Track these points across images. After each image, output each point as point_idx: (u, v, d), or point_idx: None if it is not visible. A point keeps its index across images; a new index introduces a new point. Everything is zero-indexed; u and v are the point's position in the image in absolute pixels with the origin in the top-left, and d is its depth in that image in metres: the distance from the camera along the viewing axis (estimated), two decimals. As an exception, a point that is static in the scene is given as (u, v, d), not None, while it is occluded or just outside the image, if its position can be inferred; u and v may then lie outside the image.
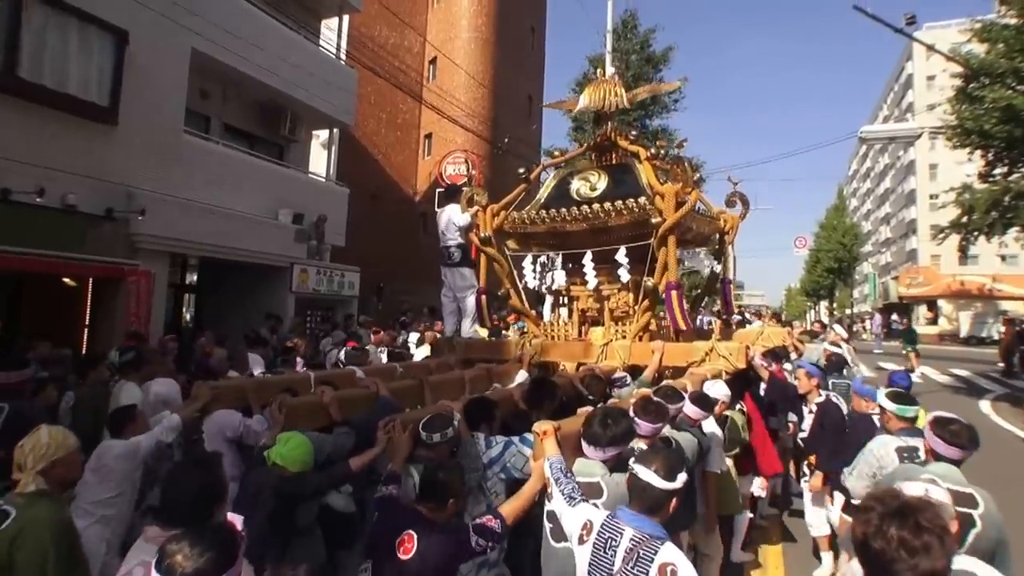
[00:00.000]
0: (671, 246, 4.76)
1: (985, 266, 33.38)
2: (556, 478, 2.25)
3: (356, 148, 18.63)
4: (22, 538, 2.04)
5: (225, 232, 9.62)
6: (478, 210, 5.69)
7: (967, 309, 32.85)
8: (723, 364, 4.49)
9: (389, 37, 18.79)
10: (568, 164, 6.09)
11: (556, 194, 5.63)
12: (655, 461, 1.99)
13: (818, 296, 50.63)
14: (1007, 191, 16.20)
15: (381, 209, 18.27)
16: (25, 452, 2.20)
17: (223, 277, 11.11)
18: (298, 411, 3.23)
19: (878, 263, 55.42)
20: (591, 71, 22.59)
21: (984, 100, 11.57)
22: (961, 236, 18.03)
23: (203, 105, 10.62)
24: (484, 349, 5.60)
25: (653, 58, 21.65)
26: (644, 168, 5.13)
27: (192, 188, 9.21)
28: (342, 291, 12.64)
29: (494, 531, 2.20)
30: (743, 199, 6.37)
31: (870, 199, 60.82)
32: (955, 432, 2.66)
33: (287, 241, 10.87)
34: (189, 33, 8.99)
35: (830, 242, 43.54)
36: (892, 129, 11.75)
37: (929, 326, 35.91)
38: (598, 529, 1.96)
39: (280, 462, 2.60)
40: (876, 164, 57.15)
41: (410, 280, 19.15)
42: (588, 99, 5.61)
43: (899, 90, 46.68)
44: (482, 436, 2.91)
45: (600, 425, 2.48)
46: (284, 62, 10.87)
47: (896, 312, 38.65)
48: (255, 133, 11.97)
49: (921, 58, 43.36)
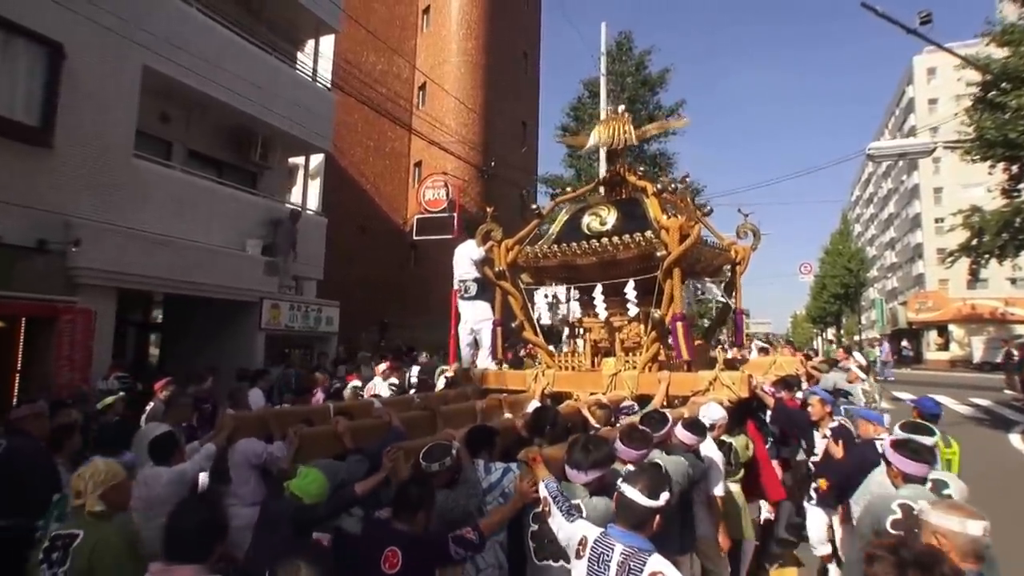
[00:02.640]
0: (676, 278, 4.95)
1: (995, 290, 33.07)
2: (554, 496, 2.48)
3: (343, 177, 18.22)
4: (99, 549, 2.36)
5: (185, 265, 8.99)
6: (492, 245, 5.90)
7: (979, 334, 32.28)
8: (727, 393, 4.59)
9: (377, 63, 18.54)
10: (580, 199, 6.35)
11: (568, 228, 5.84)
12: (640, 481, 2.20)
13: (825, 323, 49.84)
14: (1018, 211, 15.51)
15: (370, 240, 17.69)
16: (85, 479, 2.49)
17: (190, 314, 10.42)
18: (314, 439, 3.52)
19: (884, 288, 55.30)
20: (585, 95, 22.32)
21: (1007, 107, 10.78)
22: (971, 259, 17.33)
23: (164, 130, 10.11)
24: (499, 380, 5.78)
25: (649, 80, 21.31)
26: (651, 203, 5.32)
27: (145, 217, 8.62)
28: (319, 327, 11.88)
29: (471, 541, 2.45)
30: (754, 230, 6.47)
31: (874, 224, 60.89)
32: (916, 450, 2.83)
33: (255, 274, 10.20)
34: (139, 49, 8.40)
35: (835, 268, 43.54)
36: (902, 145, 11.19)
37: (940, 352, 35.09)
38: (592, 545, 2.16)
39: (298, 493, 2.78)
40: (879, 189, 57.37)
41: (401, 314, 18.49)
42: (599, 136, 5.81)
43: (900, 114, 46.82)
44: (482, 463, 3.10)
45: (582, 451, 2.69)
46: (253, 84, 10.35)
47: (906, 338, 37.68)
48: (224, 160, 11.43)
49: (923, 81, 43.30)
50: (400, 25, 20.48)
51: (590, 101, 21.57)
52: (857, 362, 8.76)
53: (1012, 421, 12.51)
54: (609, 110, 6.17)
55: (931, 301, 36.79)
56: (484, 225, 6.14)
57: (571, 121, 23.09)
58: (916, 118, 40.58)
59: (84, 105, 7.79)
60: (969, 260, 17.23)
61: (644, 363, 5.16)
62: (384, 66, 19.07)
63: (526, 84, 23.44)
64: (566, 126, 23.24)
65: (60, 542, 2.39)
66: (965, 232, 17.17)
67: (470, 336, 6.59)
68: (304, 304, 11.53)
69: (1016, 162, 11.79)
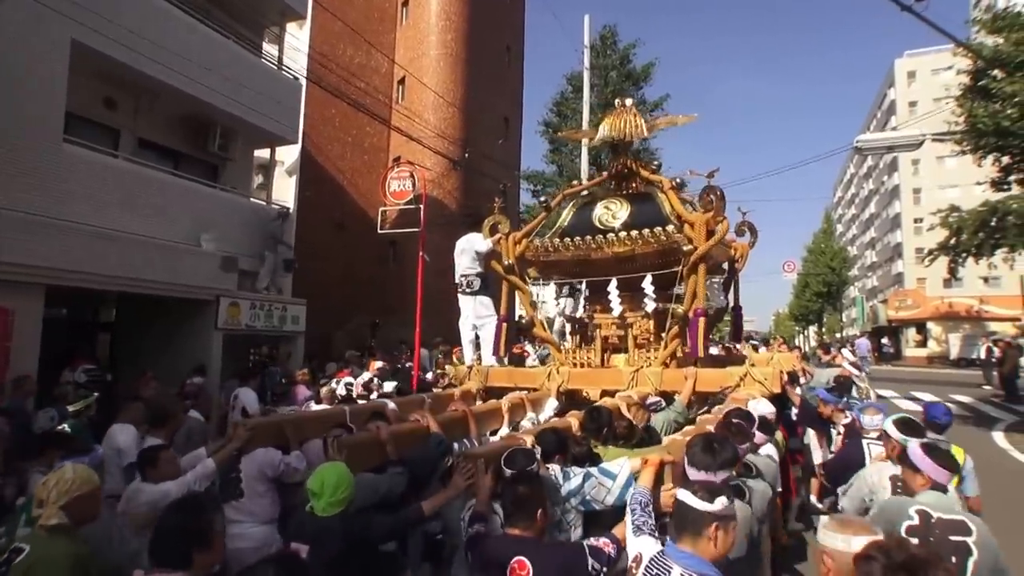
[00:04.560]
0: (701, 274, 4.91)
1: (969, 288, 33.95)
2: (632, 508, 2.30)
3: (320, 173, 17.60)
4: (34, 570, 2.15)
5: (132, 261, 8.42)
6: (500, 237, 5.79)
7: (956, 331, 32.90)
8: (758, 388, 4.51)
9: (355, 57, 17.96)
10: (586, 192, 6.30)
11: (577, 222, 5.77)
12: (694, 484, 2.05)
13: (807, 321, 50.06)
14: (995, 211, 15.27)
15: (348, 237, 17.08)
16: (49, 487, 2.29)
17: (142, 313, 9.81)
18: (356, 450, 3.12)
19: (864, 287, 56.74)
20: (569, 90, 21.85)
21: (1000, 94, 10.43)
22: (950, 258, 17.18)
23: (110, 117, 9.47)
24: (507, 378, 5.59)
25: (633, 74, 20.88)
26: (669, 197, 5.29)
27: (81, 209, 7.95)
28: (284, 326, 11.29)
29: (609, 555, 2.20)
30: (752, 228, 6.51)
31: (855, 224, 62.43)
32: (946, 456, 2.71)
33: (211, 271, 9.60)
34: (65, 20, 7.54)
35: (818, 266, 43.89)
36: (891, 137, 10.96)
37: (918, 348, 35.47)
38: (646, 564, 1.97)
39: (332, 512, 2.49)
40: (861, 190, 59.03)
41: (378, 312, 17.90)
42: (608, 129, 5.70)
43: (882, 116, 47.68)
44: (558, 468, 2.86)
45: (708, 452, 2.46)
46: (208, 69, 9.65)
47: (886, 335, 37.96)
48: (181, 150, 10.81)
49: (903, 84, 43.67)
50: (379, 18, 19.89)
51: (573, 96, 21.17)
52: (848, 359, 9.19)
53: (994, 418, 12.71)
54: (618, 102, 5.98)
55: (910, 299, 37.40)
56: (491, 217, 6.02)
57: (554, 116, 22.63)
58: (897, 120, 40.82)
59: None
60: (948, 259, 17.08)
61: (663, 359, 5.11)
62: (362, 59, 18.50)
63: (509, 79, 22.87)
64: (549, 121, 22.80)
65: (6, 556, 2.22)
66: (944, 231, 17.00)
67: (472, 332, 6.38)
68: (267, 302, 10.95)
69: (1007, 152, 11.44)
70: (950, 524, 2.42)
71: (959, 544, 2.35)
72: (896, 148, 10.72)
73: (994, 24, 11.20)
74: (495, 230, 5.90)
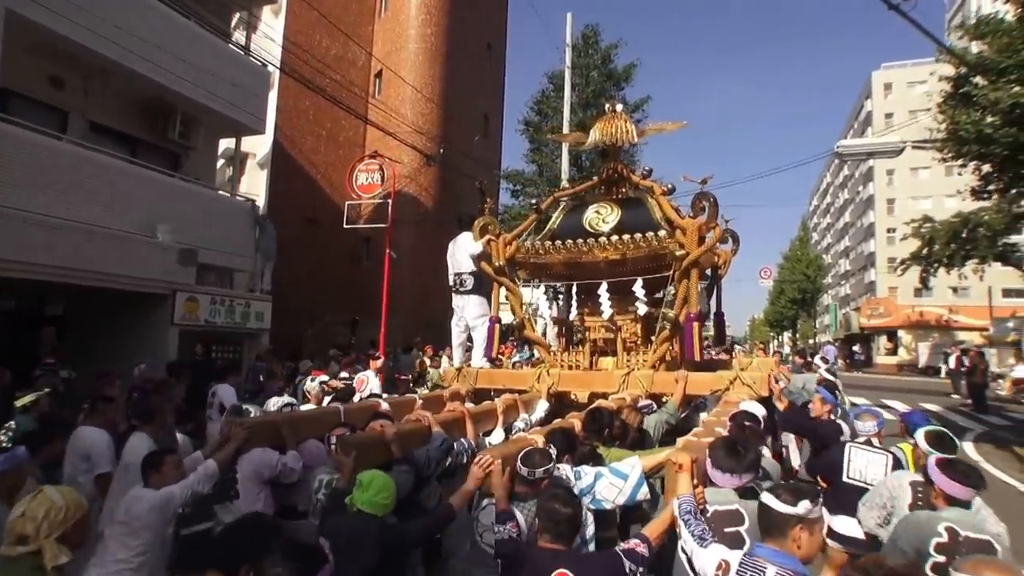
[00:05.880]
0: (693, 279, 5.05)
1: (939, 298, 35.01)
2: (685, 519, 2.28)
3: (292, 166, 17.17)
4: None
5: (79, 251, 7.98)
6: (491, 239, 5.84)
7: (925, 340, 33.65)
8: (747, 392, 4.64)
9: (331, 48, 17.58)
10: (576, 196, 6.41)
11: (567, 225, 5.89)
12: (782, 489, 2.05)
13: (782, 327, 50.70)
14: (966, 222, 15.45)
15: (320, 233, 16.66)
16: (38, 519, 1.97)
17: (93, 307, 9.35)
18: (362, 449, 3.10)
19: (838, 295, 58.29)
20: (550, 89, 21.68)
21: (983, 100, 10.40)
22: (922, 268, 17.41)
23: (58, 97, 9.03)
24: (497, 379, 5.65)
25: (615, 74, 20.76)
26: (661, 203, 5.44)
27: (16, 194, 7.50)
28: (247, 323, 10.87)
29: (642, 555, 2.25)
30: (734, 236, 6.65)
31: (830, 233, 64.14)
32: (965, 472, 2.73)
33: (167, 263, 9.18)
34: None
35: (794, 273, 44.27)
36: (871, 143, 10.87)
37: (888, 356, 36.18)
38: (737, 569, 1.94)
39: (369, 510, 2.50)
40: (836, 199, 60.77)
41: (349, 310, 17.49)
42: (599, 134, 5.81)
43: (859, 127, 49.25)
44: (569, 467, 2.95)
45: (731, 454, 2.53)
46: (165, 50, 9.23)
47: (858, 343, 38.63)
48: (138, 136, 10.41)
49: (880, 95, 44.77)
50: (356, 8, 19.56)
51: (554, 95, 20.97)
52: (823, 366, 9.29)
53: (963, 428, 12.98)
54: (608, 108, 6.09)
55: (882, 307, 38.33)
56: (481, 219, 6.07)
57: (534, 115, 22.43)
58: (873, 130, 41.73)
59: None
60: (920, 269, 17.29)
61: (653, 362, 5.22)
62: (338, 51, 18.13)
63: (490, 76, 22.67)
64: (529, 120, 22.57)
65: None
66: (916, 241, 17.22)
67: (464, 333, 6.38)
68: (229, 298, 10.52)
69: (988, 160, 11.26)
70: (976, 543, 2.49)
71: None
72: (876, 154, 10.69)
73: (977, 30, 11.08)
74: (486, 231, 5.96)
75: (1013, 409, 15.64)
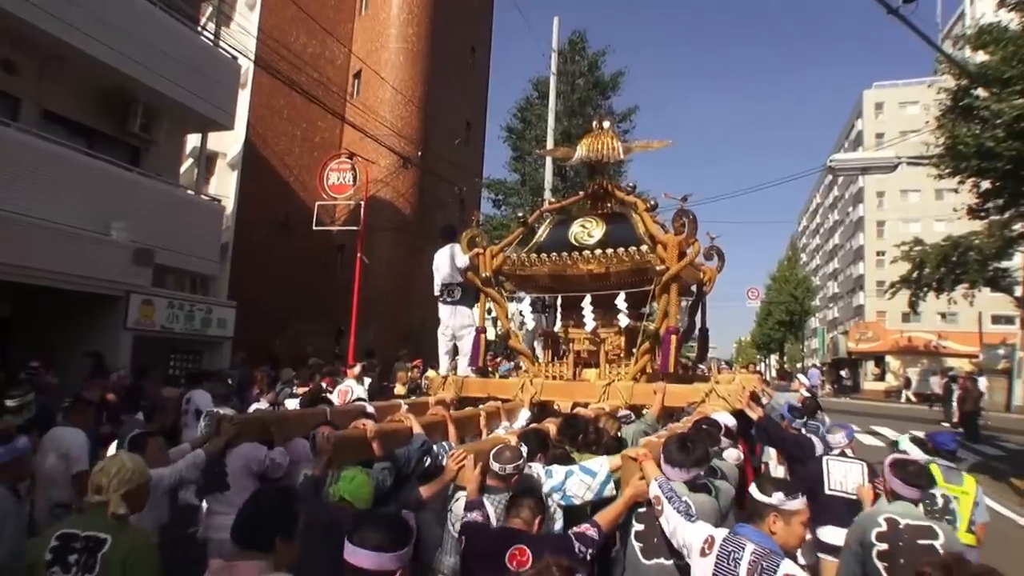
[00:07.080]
0: (673, 293, 5.31)
1: (927, 323, 35.39)
2: (669, 497, 2.54)
3: (264, 167, 16.93)
4: (134, 560, 2.26)
5: (23, 247, 7.66)
6: (479, 252, 6.06)
7: (914, 365, 33.93)
8: (722, 405, 4.83)
9: (308, 45, 17.43)
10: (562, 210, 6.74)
11: (554, 238, 6.09)
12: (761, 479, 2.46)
13: (769, 349, 51.02)
14: (956, 246, 15.57)
15: (292, 238, 16.39)
16: (110, 474, 2.36)
17: (40, 308, 9.01)
18: (345, 445, 3.35)
19: (825, 318, 58.84)
20: (534, 96, 21.72)
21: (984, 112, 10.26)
22: (912, 291, 17.59)
23: (10, 82, 8.72)
24: (482, 388, 5.92)
25: (601, 83, 20.85)
26: (644, 218, 5.65)
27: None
28: (208, 330, 10.55)
29: (592, 538, 2.53)
30: (720, 253, 6.77)
31: (819, 255, 64.89)
32: (914, 474, 2.97)
33: (120, 263, 8.85)
34: None
35: (782, 294, 44.54)
36: (865, 158, 10.94)
37: (876, 382, 36.42)
38: (720, 543, 2.21)
39: (349, 498, 2.71)
40: (826, 220, 61.64)
41: (320, 319, 17.17)
42: (586, 150, 6.02)
43: (849, 147, 50.11)
44: (540, 466, 3.18)
45: (682, 450, 2.78)
46: (130, 38, 9.04)
47: (846, 367, 39.04)
48: (95, 127, 10.09)
49: (871, 115, 45.74)
50: (336, 5, 19.49)
51: (539, 102, 21.00)
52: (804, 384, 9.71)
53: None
54: (595, 124, 6.30)
55: (871, 332, 38.73)
56: (469, 231, 6.35)
57: (518, 122, 22.45)
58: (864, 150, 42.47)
59: None
60: (909, 292, 17.45)
61: (633, 373, 5.48)
62: (316, 48, 18.01)
63: (473, 81, 22.63)
64: (512, 127, 22.59)
65: (78, 544, 2.25)
66: (906, 264, 17.41)
67: (450, 343, 6.63)
68: (188, 302, 10.20)
69: (988, 176, 11.09)
70: (917, 529, 2.80)
71: (927, 547, 2.70)
72: (870, 170, 10.74)
73: (979, 39, 10.94)
74: (473, 244, 6.19)
75: (1006, 438, 15.53)
